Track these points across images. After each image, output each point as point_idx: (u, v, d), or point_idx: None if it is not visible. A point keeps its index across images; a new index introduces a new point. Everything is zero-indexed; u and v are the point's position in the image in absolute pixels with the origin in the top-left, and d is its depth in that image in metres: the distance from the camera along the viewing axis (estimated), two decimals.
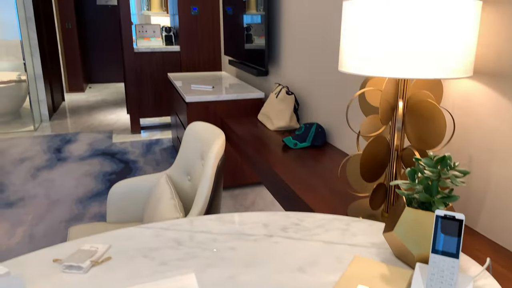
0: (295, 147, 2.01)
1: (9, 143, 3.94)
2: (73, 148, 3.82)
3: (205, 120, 2.71)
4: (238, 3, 3.19)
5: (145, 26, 4.42)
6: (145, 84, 4.29)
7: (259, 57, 2.78)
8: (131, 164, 3.43)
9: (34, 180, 3.05)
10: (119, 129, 4.52)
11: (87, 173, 3.21)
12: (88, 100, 6.13)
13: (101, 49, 7.51)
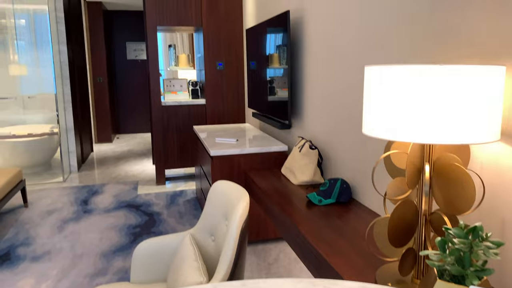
0: (320, 203, 1.98)
1: (39, 195, 4.04)
2: (99, 200, 3.88)
3: (229, 173, 2.73)
4: (261, 58, 3.30)
5: (172, 80, 4.60)
6: (171, 136, 4.40)
7: (282, 110, 2.83)
8: (155, 216, 3.44)
9: (60, 233, 3.09)
10: (145, 180, 4.60)
11: (112, 226, 3.23)
12: (115, 150, 6.31)
13: (129, 101, 7.82)
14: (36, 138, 4.77)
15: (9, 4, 6.13)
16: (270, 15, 3.35)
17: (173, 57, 4.68)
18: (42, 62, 6.20)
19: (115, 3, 6.92)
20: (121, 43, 7.68)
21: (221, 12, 4.34)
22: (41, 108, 6.24)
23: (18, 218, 3.40)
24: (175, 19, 4.24)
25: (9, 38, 6.36)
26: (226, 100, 4.48)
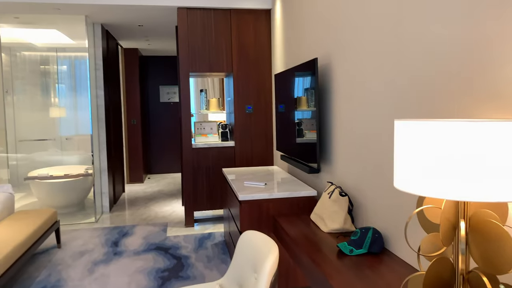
0: (351, 253, 1.93)
1: (72, 235, 4.13)
2: (129, 241, 3.92)
3: (258, 218, 2.72)
4: (289, 101, 3.36)
5: (203, 123, 4.72)
6: (201, 177, 4.46)
7: (311, 153, 2.83)
8: (183, 260, 3.43)
9: (90, 276, 3.12)
10: (174, 222, 4.63)
11: (141, 269, 3.24)
12: (146, 191, 6.42)
13: (160, 142, 8.03)
14: (71, 179, 4.94)
15: (53, 52, 6.56)
16: (298, 61, 3.43)
17: (204, 100, 4.83)
18: (79, 105, 6.52)
19: (150, 49, 7.28)
20: (155, 86, 8.01)
21: (251, 59, 4.48)
22: (77, 149, 6.50)
23: (51, 259, 3.47)
24: (206, 66, 4.41)
25: (51, 82, 6.77)
26: (254, 143, 4.53)
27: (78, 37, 5.79)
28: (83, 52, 6.39)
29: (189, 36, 4.35)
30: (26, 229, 3.07)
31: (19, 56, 6.36)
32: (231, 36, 4.44)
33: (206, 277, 3.08)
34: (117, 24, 5.06)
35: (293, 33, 3.57)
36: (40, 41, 6.26)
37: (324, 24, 2.81)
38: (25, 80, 6.32)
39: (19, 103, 6.31)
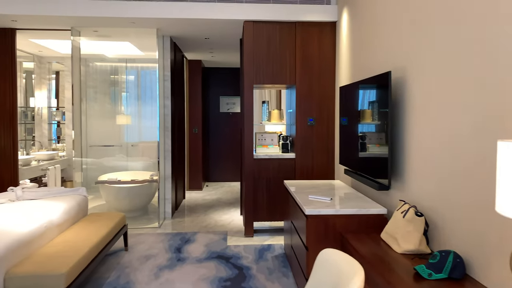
0: (430, 278, 1.83)
1: (137, 239, 4.31)
2: (191, 248, 4.01)
3: (324, 233, 2.67)
4: (356, 114, 3.29)
5: (264, 134, 4.75)
6: (261, 188, 4.48)
7: (380, 169, 2.75)
8: (245, 270, 3.45)
9: (156, 280, 3.22)
10: (233, 231, 4.67)
11: (203, 277, 3.30)
12: (205, 198, 6.56)
13: (218, 151, 8.19)
14: (138, 185, 5.16)
15: (123, 63, 6.95)
16: (367, 74, 3.36)
17: (266, 112, 4.87)
18: (144, 113, 6.83)
19: (212, 61, 7.49)
20: (215, 96, 8.22)
21: (314, 71, 4.46)
22: (141, 155, 6.80)
23: (119, 261, 3.63)
24: (270, 78, 4.45)
25: (119, 91, 7.16)
26: (315, 156, 4.49)
27: (147, 49, 6.08)
28: (151, 63, 6.72)
29: (254, 48, 4.42)
30: (100, 231, 3.24)
31: (91, 67, 6.77)
32: (295, 49, 4.45)
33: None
34: (185, 37, 5.26)
35: (361, 46, 3.50)
36: (111, 52, 6.67)
37: (398, 37, 2.73)
38: (96, 89, 6.72)
39: (90, 110, 6.71)
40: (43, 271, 2.41)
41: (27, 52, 6.12)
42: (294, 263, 3.19)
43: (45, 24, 4.50)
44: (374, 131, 2.93)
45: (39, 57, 6.52)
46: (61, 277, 2.40)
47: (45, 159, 5.97)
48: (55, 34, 4.97)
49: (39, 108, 6.55)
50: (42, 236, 2.90)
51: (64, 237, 3.05)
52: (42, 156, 5.94)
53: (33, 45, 5.64)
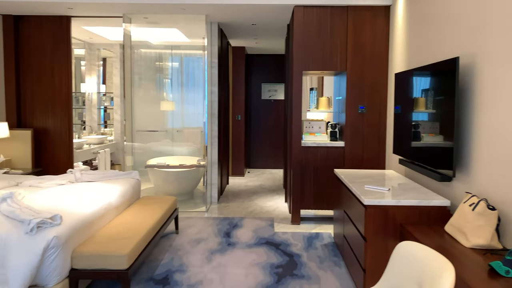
0: (507, 275, 1.74)
1: (186, 223, 4.39)
2: (240, 233, 4.05)
3: (384, 224, 2.60)
4: (414, 102, 3.16)
5: (311, 122, 4.69)
6: (308, 176, 4.44)
7: (442, 159, 2.63)
8: (295, 258, 3.44)
9: (209, 264, 3.28)
10: (279, 218, 4.68)
11: (255, 262, 3.32)
12: (247, 184, 6.60)
13: (259, 138, 8.20)
14: (186, 169, 5.25)
15: (169, 50, 7.03)
16: (427, 59, 3.21)
17: (314, 99, 4.79)
18: (189, 99, 6.91)
19: (256, 48, 7.44)
20: (257, 83, 8.18)
21: (366, 57, 4.33)
22: (186, 141, 6.91)
23: (171, 244, 3.72)
24: (320, 64, 4.36)
25: (163, 78, 7.27)
26: (366, 144, 4.38)
27: (194, 36, 6.12)
28: (196, 50, 6.76)
29: (304, 34, 4.33)
30: (155, 214, 3.32)
31: (137, 53, 6.88)
32: (346, 34, 4.33)
33: (321, 278, 3.05)
34: (232, 23, 5.24)
35: (420, 30, 3.35)
36: (156, 39, 6.76)
37: (465, 21, 2.58)
38: (141, 75, 6.83)
39: (135, 96, 6.84)
40: (107, 251, 2.50)
41: (79, 39, 6.31)
42: (347, 253, 3.15)
43: (98, 12, 4.60)
44: (435, 120, 2.81)
45: (90, 44, 6.71)
46: (123, 258, 2.48)
47: (95, 143, 6.18)
48: (106, 21, 5.08)
49: (89, 93, 6.77)
50: (102, 217, 3.00)
51: (122, 219, 3.15)
52: (92, 140, 6.15)
53: (85, 32, 5.80)
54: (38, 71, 4.82)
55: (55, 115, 4.84)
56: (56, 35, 4.82)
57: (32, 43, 4.81)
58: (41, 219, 2.34)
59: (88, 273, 2.48)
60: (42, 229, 2.35)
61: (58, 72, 4.83)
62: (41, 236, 2.31)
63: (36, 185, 3.41)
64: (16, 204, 2.60)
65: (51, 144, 4.85)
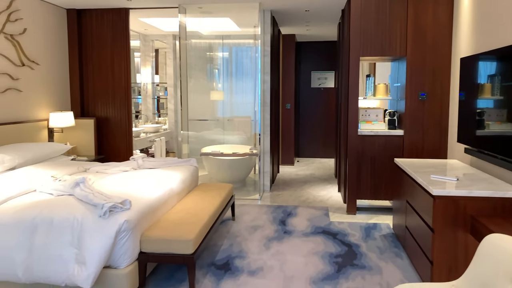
0: None
1: (241, 210, 4.45)
2: (295, 222, 4.05)
3: (453, 216, 2.49)
4: (481, 88, 2.98)
5: (368, 110, 4.56)
6: (365, 166, 4.33)
7: None
8: (354, 247, 3.39)
9: (267, 251, 3.30)
10: (334, 207, 4.62)
11: (313, 251, 3.31)
12: (298, 173, 6.57)
13: (308, 127, 8.11)
14: (239, 157, 5.31)
15: (220, 40, 7.09)
16: (502, 42, 3.00)
17: (371, 86, 4.65)
18: (238, 89, 6.95)
19: (306, 35, 7.32)
20: (307, 71, 8.08)
21: (428, 42, 4.12)
22: (237, 130, 6.97)
23: (229, 230, 3.79)
24: (378, 50, 4.21)
25: (214, 68, 7.35)
26: (426, 133, 4.20)
27: (245, 25, 6.11)
28: (247, 39, 6.76)
29: (361, 19, 4.20)
30: (214, 201, 3.38)
31: (188, 44, 6.99)
32: (406, 17, 4.14)
33: (382, 269, 2.98)
34: (285, 10, 5.17)
35: (488, 13, 3.13)
36: (207, 29, 6.82)
37: None
38: (192, 65, 6.94)
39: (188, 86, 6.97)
40: (173, 236, 2.58)
41: (135, 31, 6.50)
42: (410, 244, 3.05)
43: (155, 3, 4.70)
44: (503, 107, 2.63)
45: (144, 35, 6.90)
46: (189, 243, 2.55)
47: (151, 132, 6.38)
48: (161, 13, 5.18)
49: (145, 84, 6.98)
50: (166, 203, 3.10)
51: (184, 205, 3.24)
52: (148, 129, 6.36)
53: (140, 24, 5.97)
54: (99, 62, 5.02)
55: (115, 104, 5.03)
56: (116, 27, 4.99)
57: (93, 35, 5.02)
58: (112, 204, 2.45)
59: (155, 256, 2.57)
60: (114, 213, 2.46)
61: (118, 63, 5.01)
62: (113, 220, 2.42)
63: (103, 171, 3.57)
64: (88, 189, 2.74)
65: (111, 132, 5.06)
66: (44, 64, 4.51)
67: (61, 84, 4.83)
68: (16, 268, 2.39)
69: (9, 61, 3.99)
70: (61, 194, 2.81)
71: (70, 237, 2.38)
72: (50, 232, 2.41)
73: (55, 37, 4.71)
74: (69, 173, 3.42)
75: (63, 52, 4.87)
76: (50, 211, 2.48)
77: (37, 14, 4.38)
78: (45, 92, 4.54)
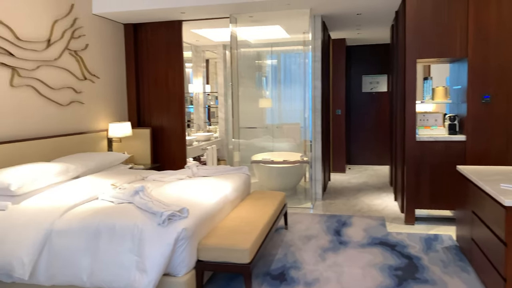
0: None
1: (293, 218, 4.39)
2: (350, 232, 3.93)
3: None
4: None
5: (426, 114, 4.36)
6: (423, 173, 4.13)
7: None
8: (415, 260, 3.22)
9: (323, 262, 3.22)
10: (390, 217, 4.44)
11: (371, 263, 3.18)
12: (350, 181, 6.40)
13: (359, 133, 7.90)
14: (289, 165, 5.27)
15: (269, 48, 7.11)
16: None
17: (429, 89, 4.44)
18: (287, 96, 6.92)
19: (356, 39, 7.17)
20: (357, 76, 7.89)
21: (492, 40, 3.87)
22: (286, 137, 6.93)
23: (283, 239, 3.75)
24: (436, 51, 4.02)
25: (262, 75, 7.37)
26: (491, 138, 3.94)
27: (295, 32, 6.09)
28: (296, 45, 6.73)
29: (418, 20, 4.03)
30: (268, 209, 3.36)
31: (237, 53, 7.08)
32: (467, 16, 3.92)
33: (448, 285, 2.80)
34: (335, 14, 5.09)
35: None
36: (256, 38, 6.87)
37: None
38: (241, 74, 6.99)
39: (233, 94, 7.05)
40: (229, 244, 2.58)
41: (187, 42, 6.69)
42: (478, 258, 2.85)
43: (207, 14, 4.80)
44: None
45: (196, 46, 7.07)
46: (245, 252, 2.54)
47: (203, 140, 6.50)
48: (212, 23, 5.28)
49: (196, 93, 7.15)
50: (221, 211, 3.12)
51: (238, 213, 3.24)
52: (200, 137, 6.49)
53: (192, 35, 6.12)
54: (154, 74, 5.20)
55: (169, 114, 5.18)
56: (170, 40, 5.15)
57: (148, 48, 5.21)
58: (171, 212, 2.50)
59: (212, 265, 2.59)
60: (172, 221, 2.51)
61: (172, 74, 5.16)
62: (172, 228, 2.46)
63: (159, 179, 3.67)
64: (147, 197, 2.82)
65: (166, 141, 5.21)
66: (103, 77, 4.74)
67: (119, 96, 5.06)
68: (82, 272, 2.49)
69: (73, 75, 4.23)
70: (121, 202, 2.91)
71: (131, 244, 2.45)
72: (112, 238, 2.50)
73: (114, 51, 4.94)
74: (128, 181, 3.54)
75: (121, 65, 5.09)
76: (112, 218, 2.57)
77: (98, 30, 4.62)
78: (105, 103, 4.77)
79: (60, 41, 4.03)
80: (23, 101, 3.62)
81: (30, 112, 3.70)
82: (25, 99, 3.64)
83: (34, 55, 3.73)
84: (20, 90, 3.59)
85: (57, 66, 4.00)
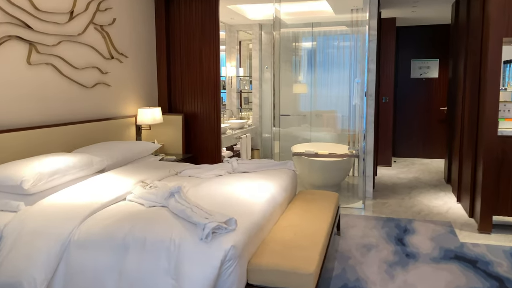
0: None
1: (345, 221, 3.83)
2: (416, 241, 3.34)
3: None
4: None
5: (507, 104, 3.67)
6: (505, 175, 3.47)
7: None
8: (507, 283, 2.62)
9: (392, 281, 2.66)
10: (458, 223, 3.81)
11: (453, 285, 2.59)
12: (399, 176, 5.77)
13: (406, 123, 7.20)
14: (337, 159, 4.68)
15: (309, 28, 6.46)
16: None
17: (510, 74, 3.74)
18: (331, 81, 6.29)
19: (408, 18, 6.42)
20: (406, 60, 7.15)
21: None
22: (325, 125, 6.32)
23: (337, 249, 3.19)
24: None
25: (299, 59, 6.75)
26: None
27: (340, 10, 5.45)
28: (340, 25, 6.07)
29: None
30: (324, 216, 2.81)
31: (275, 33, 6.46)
32: None
33: None
34: None
35: None
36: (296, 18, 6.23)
37: None
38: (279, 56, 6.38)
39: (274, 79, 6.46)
40: (288, 266, 2.05)
41: (221, 21, 6.12)
42: None
43: None
44: None
45: (229, 25, 6.50)
46: (309, 277, 2.00)
47: (237, 128, 5.97)
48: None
49: (229, 77, 6.60)
50: (271, 218, 2.59)
51: (289, 220, 2.70)
52: (234, 124, 5.96)
53: (226, 13, 5.55)
54: (187, 55, 4.67)
55: (203, 99, 4.65)
56: (205, 16, 4.59)
57: (181, 26, 4.67)
58: (216, 224, 1.98)
59: None
60: (217, 235, 1.99)
61: (206, 55, 4.61)
62: (217, 244, 1.94)
63: (196, 175, 3.17)
64: (184, 201, 2.31)
65: (199, 129, 4.70)
66: (132, 56, 4.24)
67: (148, 78, 4.56)
68: None
69: (99, 53, 3.74)
70: (153, 205, 2.42)
71: (166, 264, 1.95)
72: (142, 254, 2.00)
73: (143, 27, 4.43)
74: (160, 177, 3.05)
75: (151, 44, 4.58)
76: (142, 229, 2.08)
77: (126, 3, 4.11)
78: (133, 86, 4.29)
79: (84, 14, 3.53)
80: (41, 82, 3.15)
81: (50, 95, 3.24)
82: (44, 79, 3.17)
83: (55, 29, 3.25)
84: (39, 69, 3.12)
85: (80, 42, 3.52)
